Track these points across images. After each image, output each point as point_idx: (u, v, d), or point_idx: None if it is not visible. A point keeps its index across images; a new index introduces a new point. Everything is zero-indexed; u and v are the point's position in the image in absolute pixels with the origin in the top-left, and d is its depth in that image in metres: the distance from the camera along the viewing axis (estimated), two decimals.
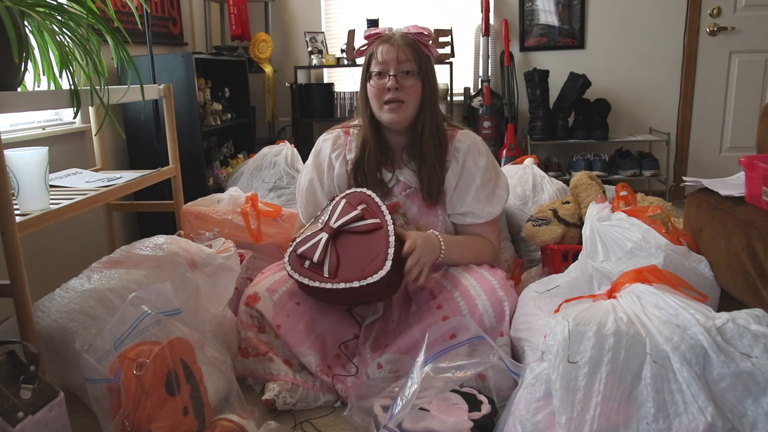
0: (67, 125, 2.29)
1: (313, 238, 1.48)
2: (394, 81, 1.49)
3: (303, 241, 1.49)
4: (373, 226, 1.45)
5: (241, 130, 3.44)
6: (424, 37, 1.52)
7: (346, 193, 1.56)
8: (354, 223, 1.47)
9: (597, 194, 1.91)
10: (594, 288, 1.39)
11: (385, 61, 1.50)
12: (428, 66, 1.54)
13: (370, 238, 1.44)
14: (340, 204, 1.52)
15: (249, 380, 1.52)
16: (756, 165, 1.31)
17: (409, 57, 1.50)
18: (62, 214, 1.47)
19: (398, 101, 1.50)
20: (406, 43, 1.50)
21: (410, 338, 1.41)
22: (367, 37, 1.57)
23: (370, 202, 1.51)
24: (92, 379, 1.16)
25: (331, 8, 3.84)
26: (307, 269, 1.45)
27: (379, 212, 1.48)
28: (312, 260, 1.44)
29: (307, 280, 1.42)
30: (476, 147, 1.59)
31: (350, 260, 1.43)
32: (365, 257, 1.41)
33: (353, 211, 1.48)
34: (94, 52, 1.48)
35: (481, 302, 1.40)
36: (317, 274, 1.43)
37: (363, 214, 1.47)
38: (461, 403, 1.25)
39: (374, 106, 1.55)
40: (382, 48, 1.51)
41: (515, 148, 3.41)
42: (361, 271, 1.39)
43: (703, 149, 3.63)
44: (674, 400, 0.95)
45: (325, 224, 1.50)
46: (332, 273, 1.41)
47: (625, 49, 3.56)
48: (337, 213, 1.50)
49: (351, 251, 1.44)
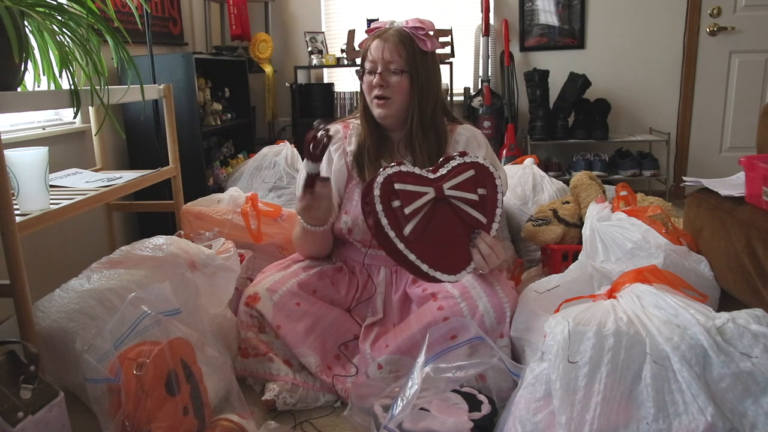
0: (67, 125, 2.28)
1: (418, 183, 1.33)
2: (380, 78, 1.52)
3: (406, 177, 1.32)
4: (477, 223, 1.34)
5: (241, 130, 3.44)
6: (420, 31, 1.52)
7: (476, 163, 1.37)
8: (465, 205, 1.34)
9: (597, 194, 1.91)
10: (594, 288, 1.39)
11: (373, 59, 1.53)
12: (420, 61, 1.53)
13: (464, 234, 1.35)
14: (466, 173, 1.35)
15: (249, 380, 1.52)
16: (756, 165, 1.31)
17: (395, 56, 1.50)
18: (62, 214, 1.47)
19: (384, 98, 1.53)
20: (398, 40, 1.51)
21: (411, 339, 1.41)
22: (368, 31, 1.60)
23: (492, 192, 1.36)
24: (92, 379, 1.16)
25: (331, 8, 3.84)
26: (393, 210, 1.29)
27: (492, 211, 1.36)
28: (403, 207, 1.30)
29: (386, 221, 1.28)
30: (476, 139, 1.60)
31: (436, 237, 1.32)
32: (449, 248, 1.32)
33: (472, 192, 1.35)
34: (94, 52, 1.48)
35: (482, 303, 1.40)
36: (398, 226, 1.29)
37: (478, 201, 1.35)
38: (461, 403, 1.25)
39: (367, 99, 1.59)
40: (374, 44, 1.53)
41: (515, 148, 3.41)
42: (437, 258, 1.30)
43: (703, 149, 3.63)
44: (674, 400, 0.95)
45: (438, 180, 1.34)
46: (411, 236, 1.29)
47: (625, 49, 3.56)
48: (456, 180, 1.35)
49: (441, 230, 1.33)
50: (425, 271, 1.30)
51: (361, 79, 1.58)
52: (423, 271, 1.30)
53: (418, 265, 1.29)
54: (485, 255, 1.34)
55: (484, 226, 1.35)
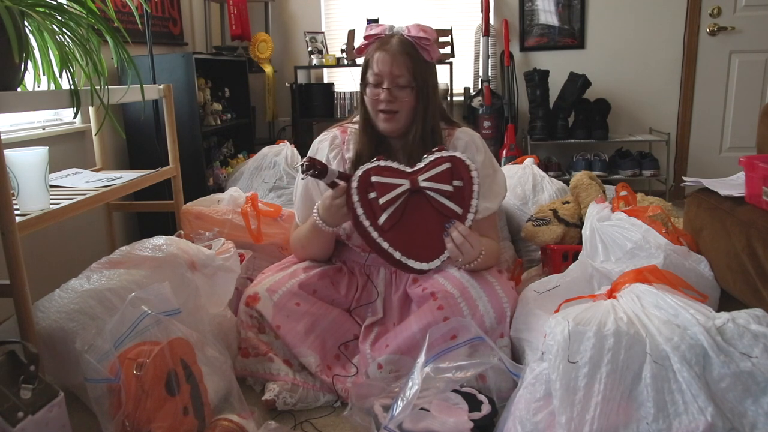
0: (67, 125, 2.28)
1: (393, 176, 1.38)
2: (388, 94, 1.49)
3: (383, 171, 1.38)
4: (452, 214, 1.38)
5: (241, 130, 3.44)
6: (423, 41, 1.49)
7: (453, 157, 1.40)
8: (440, 196, 1.38)
9: (597, 194, 1.91)
10: (594, 288, 1.39)
11: (379, 72, 1.49)
12: (425, 72, 1.51)
13: (439, 224, 1.38)
14: (441, 166, 1.39)
15: (249, 380, 1.52)
16: (756, 165, 1.31)
17: (402, 70, 1.48)
18: (62, 214, 1.47)
19: (391, 111, 1.51)
20: (402, 51, 1.48)
21: (411, 339, 1.41)
22: (366, 38, 1.55)
23: (468, 185, 1.39)
24: (92, 379, 1.16)
25: (331, 8, 3.84)
26: (369, 201, 1.36)
27: (467, 202, 1.39)
28: (378, 198, 1.36)
29: (361, 211, 1.36)
30: (474, 143, 1.59)
31: (410, 227, 1.37)
32: (423, 238, 1.36)
33: (447, 184, 1.38)
34: (94, 52, 1.48)
35: (481, 303, 1.40)
36: (372, 216, 1.36)
37: (454, 193, 1.38)
38: (461, 403, 1.25)
39: (370, 111, 1.55)
40: (379, 56, 1.49)
41: (515, 148, 3.41)
42: (411, 247, 1.34)
43: (703, 149, 3.63)
44: (674, 400, 0.95)
45: (413, 173, 1.40)
46: (386, 225, 1.35)
47: (625, 49, 3.56)
48: (431, 172, 1.38)
49: (416, 220, 1.38)
50: (398, 259, 1.36)
51: (364, 90, 1.55)
52: (395, 258, 1.36)
53: (391, 252, 1.35)
54: (458, 244, 1.37)
55: (459, 216, 1.39)
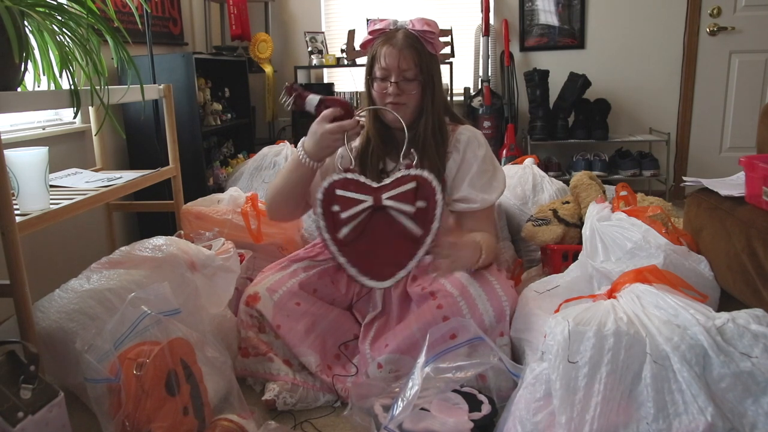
0: (67, 125, 2.28)
1: (358, 191, 1.37)
2: (396, 87, 1.50)
3: (349, 184, 1.37)
4: (411, 235, 1.35)
5: (241, 130, 3.44)
6: (428, 34, 1.51)
7: (419, 177, 1.37)
8: (402, 216, 1.35)
9: (597, 194, 1.91)
10: (594, 288, 1.39)
11: (387, 66, 1.50)
12: (431, 65, 1.54)
13: (398, 243, 1.36)
14: (406, 185, 1.36)
15: (249, 380, 1.52)
16: (756, 165, 1.31)
17: (410, 64, 1.49)
18: (62, 214, 1.47)
19: (399, 104, 1.52)
20: (409, 45, 1.50)
21: (410, 338, 1.41)
22: (371, 32, 1.57)
23: (431, 207, 1.36)
24: (92, 379, 1.16)
25: (331, 8, 3.84)
26: (332, 214, 1.35)
27: (429, 225, 1.35)
28: (341, 213, 1.35)
29: (323, 224, 1.35)
30: (476, 139, 1.61)
31: (368, 244, 1.36)
32: (381, 255, 1.35)
33: (410, 203, 1.35)
34: (94, 52, 1.48)
35: (481, 302, 1.40)
36: (334, 229, 1.35)
37: (416, 213, 1.35)
38: (461, 403, 1.25)
39: (378, 104, 1.57)
40: (385, 50, 1.50)
41: (515, 148, 3.41)
42: (366, 265, 1.34)
43: (703, 149, 3.63)
44: (674, 400, 0.95)
45: (378, 190, 1.37)
46: (345, 240, 1.35)
47: (625, 49, 3.56)
48: (395, 191, 1.36)
49: (376, 236, 1.36)
50: (353, 275, 1.35)
51: (371, 85, 1.56)
52: (351, 274, 1.35)
53: (347, 268, 1.35)
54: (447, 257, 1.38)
55: (419, 238, 1.35)
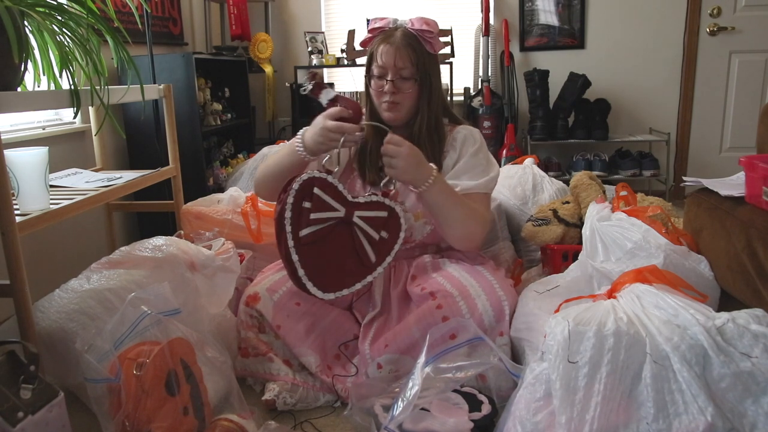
0: (67, 125, 2.28)
1: (334, 198, 1.37)
2: (392, 86, 1.51)
3: (328, 188, 1.36)
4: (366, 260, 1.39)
5: (241, 130, 3.44)
6: (427, 33, 1.52)
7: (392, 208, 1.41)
8: (364, 239, 1.39)
9: (597, 194, 1.91)
10: (594, 288, 1.39)
11: (383, 64, 1.52)
12: (428, 64, 1.54)
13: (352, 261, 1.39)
14: (379, 211, 1.40)
15: (249, 380, 1.52)
16: (756, 165, 1.31)
17: (406, 62, 1.50)
18: (62, 214, 1.47)
19: (394, 102, 1.53)
20: (406, 44, 1.51)
21: (410, 338, 1.41)
22: (371, 30, 1.58)
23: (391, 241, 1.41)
24: (92, 379, 1.16)
25: (331, 8, 3.84)
26: (300, 209, 1.34)
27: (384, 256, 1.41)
28: (311, 212, 1.35)
29: (289, 214, 1.33)
30: (472, 137, 1.62)
31: (325, 252, 1.36)
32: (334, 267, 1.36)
33: (376, 230, 1.39)
34: (94, 52, 1.48)
35: (480, 302, 1.40)
36: (298, 225, 1.34)
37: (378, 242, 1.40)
38: (461, 403, 1.25)
39: (375, 102, 1.58)
40: (383, 49, 1.52)
41: (515, 148, 3.41)
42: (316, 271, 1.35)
43: (703, 149, 3.63)
44: (674, 400, 0.95)
45: (352, 206, 1.38)
46: (304, 240, 1.34)
47: (625, 49, 3.56)
48: (367, 213, 1.39)
49: (335, 248, 1.37)
50: (299, 276, 1.34)
51: (369, 82, 1.58)
52: (298, 275, 1.34)
53: (296, 267, 1.34)
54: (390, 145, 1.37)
55: (371, 265, 1.40)
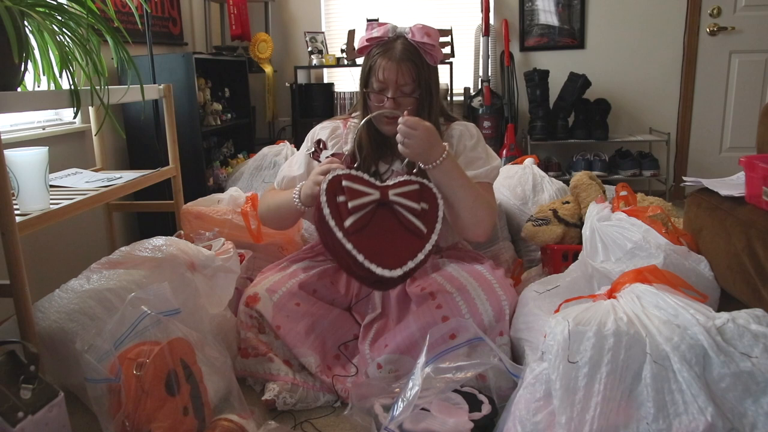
0: (67, 125, 2.28)
1: (365, 185, 1.37)
2: (392, 102, 1.48)
3: (354, 179, 1.37)
4: (417, 231, 1.36)
5: (241, 130, 3.44)
6: (428, 46, 1.48)
7: (422, 182, 1.43)
8: (408, 213, 1.37)
9: (597, 194, 1.91)
10: (594, 288, 1.39)
11: (384, 80, 1.48)
12: (428, 75, 1.51)
13: (404, 236, 1.36)
14: (410, 186, 1.41)
15: (249, 380, 1.52)
16: (756, 165, 1.31)
17: (407, 79, 1.47)
18: (62, 214, 1.47)
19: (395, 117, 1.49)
20: (407, 58, 1.47)
21: (410, 338, 1.41)
22: (369, 40, 1.53)
23: (433, 210, 1.41)
24: (92, 379, 1.16)
25: (331, 8, 3.84)
26: (336, 203, 1.33)
27: (433, 225, 1.39)
28: (347, 202, 1.33)
29: (328, 210, 1.31)
30: (468, 131, 1.61)
31: (375, 235, 1.34)
32: (388, 246, 1.34)
33: (416, 202, 1.38)
34: (94, 52, 1.48)
35: (480, 302, 1.40)
36: (339, 217, 1.32)
37: (420, 213, 1.38)
38: (462, 403, 1.25)
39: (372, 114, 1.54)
40: (382, 63, 1.48)
41: (515, 148, 3.41)
42: (375, 252, 1.31)
43: (703, 149, 3.63)
44: (674, 400, 0.95)
45: (384, 187, 1.39)
46: (352, 229, 1.32)
47: (625, 49, 3.56)
48: (401, 189, 1.39)
49: (382, 230, 1.36)
50: (360, 261, 1.29)
51: (367, 95, 1.54)
52: (359, 261, 1.29)
53: (354, 254, 1.29)
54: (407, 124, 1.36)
55: (424, 234, 1.37)
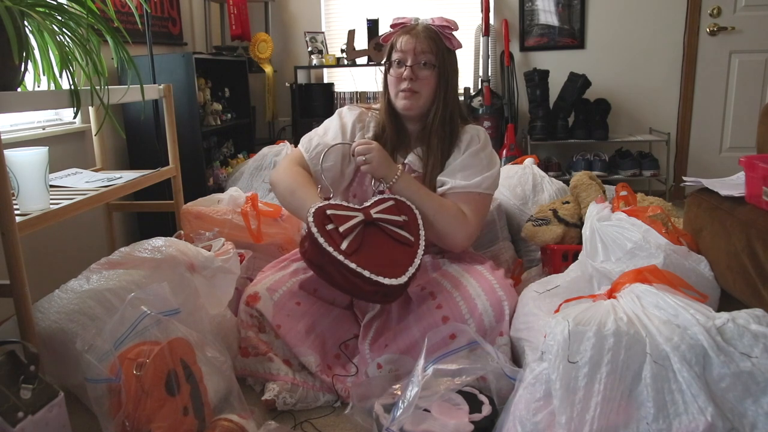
0: (67, 125, 2.28)
1: (347, 210, 1.44)
2: (410, 71, 1.53)
3: (336, 206, 1.44)
4: (406, 240, 1.43)
5: (241, 130, 3.44)
6: (447, 30, 1.56)
7: (395, 198, 1.52)
8: (393, 226, 1.44)
9: (597, 194, 1.91)
10: (594, 288, 1.39)
11: (404, 50, 1.54)
12: (447, 59, 1.58)
13: (397, 247, 1.42)
14: (386, 203, 1.49)
15: (249, 380, 1.52)
16: (756, 165, 1.31)
17: (426, 49, 1.53)
18: (62, 214, 1.47)
19: (412, 90, 1.54)
20: (427, 36, 1.54)
21: (410, 338, 1.41)
22: (393, 25, 1.61)
23: (413, 220, 1.48)
24: (92, 379, 1.16)
25: (331, 8, 3.84)
26: (327, 231, 1.37)
27: (417, 233, 1.46)
28: (337, 228, 1.38)
29: (323, 240, 1.34)
30: (477, 136, 1.63)
31: (372, 252, 1.39)
32: (386, 259, 1.39)
33: (396, 215, 1.46)
34: (94, 52, 1.48)
35: (480, 302, 1.40)
36: (334, 242, 1.36)
37: (403, 224, 1.46)
38: (462, 403, 1.25)
39: (391, 92, 1.60)
40: (403, 38, 1.55)
41: (515, 148, 3.41)
42: (377, 266, 1.35)
43: (703, 149, 3.63)
44: (674, 400, 0.95)
45: (365, 209, 1.46)
46: (350, 250, 1.36)
47: (625, 50, 3.56)
48: (379, 207, 1.47)
49: (376, 246, 1.41)
50: (368, 277, 1.32)
51: (387, 71, 1.59)
52: (366, 277, 1.32)
53: (360, 271, 1.32)
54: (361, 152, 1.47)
55: (413, 242, 1.43)
